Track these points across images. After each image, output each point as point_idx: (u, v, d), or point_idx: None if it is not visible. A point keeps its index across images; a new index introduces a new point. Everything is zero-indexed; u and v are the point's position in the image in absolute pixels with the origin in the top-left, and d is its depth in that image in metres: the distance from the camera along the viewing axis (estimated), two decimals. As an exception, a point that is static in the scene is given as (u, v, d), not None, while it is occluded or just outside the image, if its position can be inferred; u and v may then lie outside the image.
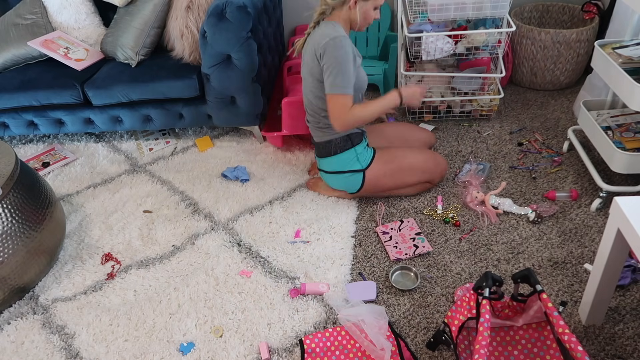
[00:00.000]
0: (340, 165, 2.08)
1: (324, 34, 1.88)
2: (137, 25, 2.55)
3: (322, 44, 1.86)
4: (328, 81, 1.89)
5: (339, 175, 2.10)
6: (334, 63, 1.85)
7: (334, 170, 2.10)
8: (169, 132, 2.85)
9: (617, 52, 1.97)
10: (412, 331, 1.68)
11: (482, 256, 1.91)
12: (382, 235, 2.04)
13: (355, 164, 2.06)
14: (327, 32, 1.87)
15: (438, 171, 2.17)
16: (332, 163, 2.09)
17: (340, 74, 1.86)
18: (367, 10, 1.92)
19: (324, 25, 1.92)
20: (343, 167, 2.08)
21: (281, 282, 1.88)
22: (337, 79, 1.87)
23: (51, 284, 1.97)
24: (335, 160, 2.07)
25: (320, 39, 1.88)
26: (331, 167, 2.10)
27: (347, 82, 1.88)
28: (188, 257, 2.03)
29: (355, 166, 2.06)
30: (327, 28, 1.90)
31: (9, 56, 2.64)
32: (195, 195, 2.35)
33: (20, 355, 1.72)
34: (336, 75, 1.87)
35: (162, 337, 1.72)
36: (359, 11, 1.91)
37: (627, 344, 1.57)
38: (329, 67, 1.87)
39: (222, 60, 2.32)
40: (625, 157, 1.90)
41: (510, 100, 2.82)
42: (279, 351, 1.65)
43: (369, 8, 1.92)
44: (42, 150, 2.79)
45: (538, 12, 2.98)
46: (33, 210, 1.91)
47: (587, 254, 1.88)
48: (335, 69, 1.86)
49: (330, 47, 1.85)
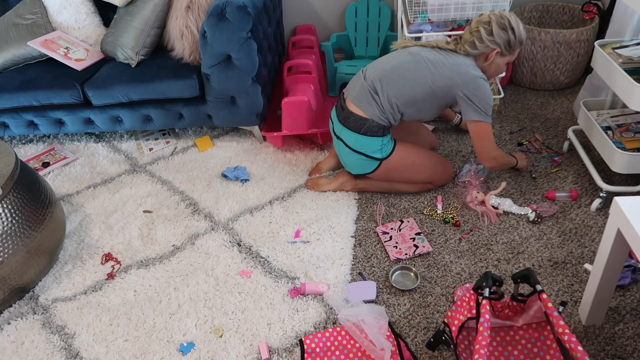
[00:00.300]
0: (363, 146, 2.06)
1: (468, 70, 1.97)
2: (137, 25, 2.55)
3: (468, 77, 1.96)
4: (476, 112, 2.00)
5: (356, 154, 2.09)
6: (479, 101, 1.98)
7: (355, 148, 2.08)
8: (169, 132, 2.85)
9: (617, 52, 1.97)
10: (412, 331, 1.68)
11: (482, 256, 1.91)
12: (382, 235, 2.04)
13: (377, 153, 2.06)
14: (471, 70, 1.98)
15: (444, 177, 2.23)
16: (357, 140, 2.06)
17: (487, 112, 2.01)
18: (500, 63, 2.03)
19: (465, 59, 2.00)
20: (365, 149, 2.06)
21: (281, 282, 1.88)
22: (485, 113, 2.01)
23: (51, 284, 1.97)
24: (361, 140, 2.05)
25: (465, 70, 1.96)
26: (353, 144, 2.08)
27: (488, 117, 2.02)
28: (188, 257, 2.03)
29: (376, 154, 2.07)
30: (471, 65, 1.99)
31: (9, 56, 2.64)
32: (195, 195, 2.35)
33: (20, 355, 1.72)
34: (480, 111, 2.00)
35: (162, 337, 1.72)
36: (495, 63, 2.02)
37: (627, 344, 1.57)
38: (472, 101, 1.98)
39: (222, 60, 2.32)
40: (625, 157, 1.90)
41: (510, 100, 2.82)
42: (279, 351, 1.65)
43: (503, 62, 2.03)
44: (42, 150, 2.79)
45: (538, 12, 2.98)
46: (33, 210, 1.91)
47: (587, 254, 1.88)
48: (479, 105, 1.98)
49: (472, 84, 1.97)
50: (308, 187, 2.32)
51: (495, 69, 2.05)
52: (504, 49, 1.97)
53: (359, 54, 3.14)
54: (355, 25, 3.09)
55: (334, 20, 3.19)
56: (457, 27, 2.58)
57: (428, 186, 2.22)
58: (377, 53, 3.12)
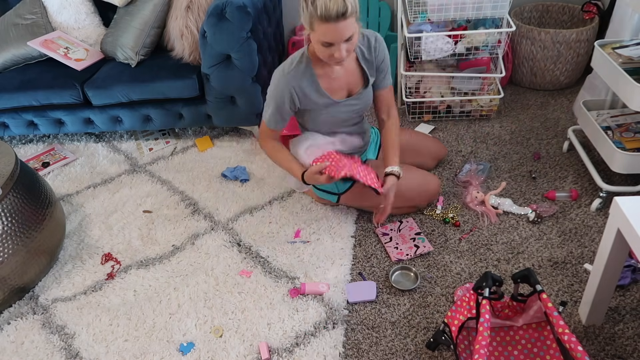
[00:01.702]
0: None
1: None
2: (137, 25, 2.55)
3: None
4: (264, 107, 1.90)
5: (317, 188, 2.11)
6: (268, 94, 1.85)
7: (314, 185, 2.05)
8: (169, 132, 2.85)
9: (617, 52, 1.97)
10: (412, 331, 1.68)
11: (482, 256, 1.91)
12: (382, 236, 2.03)
13: (333, 188, 2.07)
14: (287, 60, 1.82)
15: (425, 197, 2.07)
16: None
17: (268, 107, 1.86)
18: (315, 43, 1.65)
19: (297, 51, 1.83)
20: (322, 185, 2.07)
21: (281, 282, 1.88)
22: (267, 110, 1.87)
23: (51, 284, 1.97)
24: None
25: None
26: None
27: (270, 117, 1.86)
28: (188, 257, 2.03)
29: (332, 189, 2.07)
30: (293, 54, 1.82)
31: (9, 56, 2.64)
32: (195, 195, 2.35)
33: (20, 355, 1.72)
34: (267, 105, 1.87)
35: (162, 337, 1.72)
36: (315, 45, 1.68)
37: (627, 344, 1.57)
38: (267, 95, 1.87)
39: (222, 60, 2.32)
40: (625, 157, 1.90)
41: (510, 100, 2.82)
42: (279, 351, 1.65)
43: (315, 42, 1.64)
44: (42, 150, 2.79)
45: (538, 12, 2.98)
46: (33, 210, 1.91)
47: (587, 254, 1.88)
48: (267, 98, 1.86)
49: (273, 78, 1.83)
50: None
51: (317, 52, 1.67)
52: (304, 23, 1.62)
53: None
54: (355, 25, 3.09)
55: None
56: (457, 27, 2.58)
57: (413, 209, 2.12)
58: (377, 53, 3.12)
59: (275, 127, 1.91)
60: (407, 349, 1.62)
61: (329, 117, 1.90)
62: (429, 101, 2.62)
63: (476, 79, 2.57)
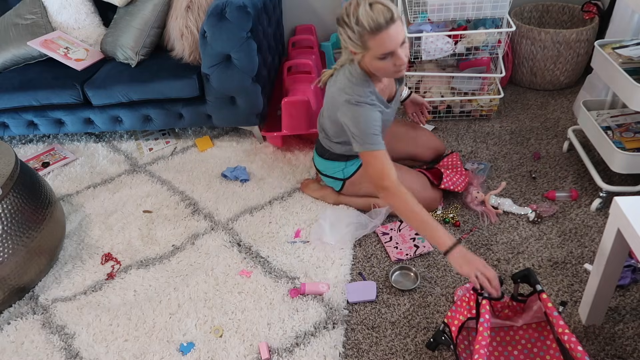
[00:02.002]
0: (325, 169, 2.12)
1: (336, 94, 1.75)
2: (137, 25, 2.55)
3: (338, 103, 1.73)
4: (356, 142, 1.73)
5: (322, 174, 2.15)
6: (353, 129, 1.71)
7: (320, 170, 2.15)
8: (169, 132, 2.85)
9: (617, 52, 1.97)
10: (412, 331, 1.68)
11: (482, 256, 1.91)
12: (382, 236, 2.03)
13: (339, 174, 2.09)
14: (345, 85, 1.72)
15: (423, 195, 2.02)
16: (320, 163, 2.13)
17: (361, 135, 1.71)
18: (369, 62, 1.63)
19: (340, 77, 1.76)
20: (327, 171, 2.12)
21: (281, 282, 1.88)
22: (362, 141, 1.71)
23: (51, 284, 1.97)
24: (323, 162, 2.11)
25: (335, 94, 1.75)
26: (319, 166, 2.15)
27: (368, 141, 1.70)
28: (188, 257, 2.03)
29: (338, 175, 2.10)
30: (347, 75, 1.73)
31: (9, 56, 2.64)
32: (195, 195, 2.35)
33: (20, 355, 1.72)
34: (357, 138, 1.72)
35: (162, 337, 1.72)
36: (365, 62, 1.66)
37: (627, 344, 1.57)
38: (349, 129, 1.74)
39: (222, 60, 2.32)
40: (625, 157, 1.90)
41: (510, 100, 2.82)
42: (279, 351, 1.65)
43: (370, 60, 1.62)
44: (42, 150, 2.79)
45: (538, 12, 2.98)
46: (33, 210, 1.91)
47: (587, 254, 1.88)
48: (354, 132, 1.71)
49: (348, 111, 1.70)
50: (300, 188, 2.32)
51: (377, 70, 1.65)
52: (354, 47, 1.60)
53: (359, 54, 3.14)
54: (355, 25, 3.08)
55: (334, 20, 3.19)
56: (457, 27, 2.58)
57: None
58: (377, 53, 3.12)
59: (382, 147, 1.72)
60: (407, 349, 1.62)
61: (384, 123, 1.84)
62: (429, 101, 2.62)
63: (476, 79, 2.57)
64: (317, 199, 2.25)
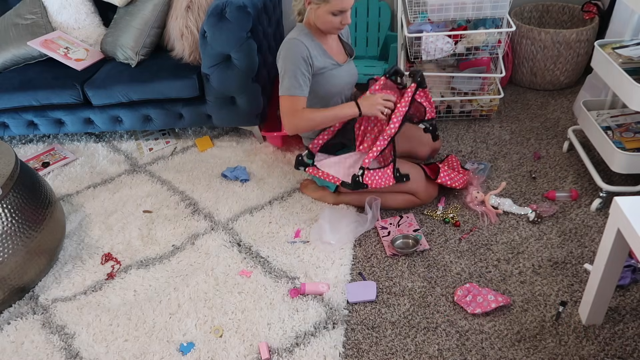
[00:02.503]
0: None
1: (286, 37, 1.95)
2: (137, 25, 2.55)
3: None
4: (280, 83, 1.95)
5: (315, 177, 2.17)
6: (282, 65, 1.92)
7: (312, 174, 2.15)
8: (169, 132, 2.85)
9: (617, 52, 1.97)
10: (412, 331, 1.68)
11: (482, 256, 1.91)
12: (380, 230, 2.04)
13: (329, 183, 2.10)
14: (288, 35, 1.94)
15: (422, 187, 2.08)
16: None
17: (286, 77, 1.91)
18: (321, 15, 1.87)
19: (293, 29, 1.98)
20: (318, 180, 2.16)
21: (281, 282, 1.88)
22: (284, 81, 1.92)
23: (51, 284, 1.97)
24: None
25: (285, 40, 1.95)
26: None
27: (292, 84, 1.90)
28: (188, 257, 2.03)
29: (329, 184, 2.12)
30: (292, 31, 1.96)
31: (9, 56, 2.64)
32: (195, 195, 2.35)
33: (20, 355, 1.72)
34: (283, 78, 1.92)
35: (162, 337, 1.72)
36: (314, 15, 1.90)
37: (627, 344, 1.57)
38: (280, 70, 1.94)
39: (222, 60, 2.32)
40: (625, 157, 1.90)
41: (510, 100, 2.82)
42: (279, 351, 1.65)
43: (323, 13, 1.86)
44: (42, 150, 2.79)
45: (538, 12, 2.98)
46: (33, 210, 1.91)
47: (587, 254, 1.88)
48: (283, 71, 1.92)
49: (281, 50, 1.93)
50: (300, 188, 2.32)
51: (323, 22, 1.89)
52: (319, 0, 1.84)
53: (359, 54, 3.14)
54: (355, 25, 3.09)
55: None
56: (457, 27, 2.58)
57: (413, 200, 2.10)
58: (377, 53, 3.12)
59: (302, 93, 1.94)
60: (407, 349, 1.62)
61: (336, 80, 2.02)
62: (429, 101, 2.62)
63: (476, 79, 2.57)
64: (316, 199, 2.25)
